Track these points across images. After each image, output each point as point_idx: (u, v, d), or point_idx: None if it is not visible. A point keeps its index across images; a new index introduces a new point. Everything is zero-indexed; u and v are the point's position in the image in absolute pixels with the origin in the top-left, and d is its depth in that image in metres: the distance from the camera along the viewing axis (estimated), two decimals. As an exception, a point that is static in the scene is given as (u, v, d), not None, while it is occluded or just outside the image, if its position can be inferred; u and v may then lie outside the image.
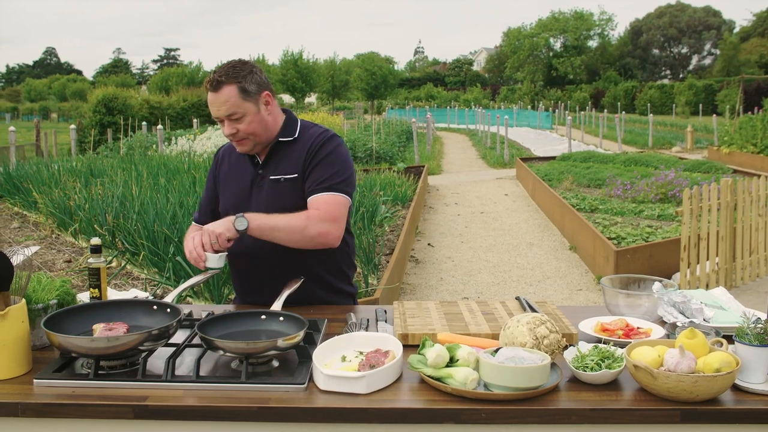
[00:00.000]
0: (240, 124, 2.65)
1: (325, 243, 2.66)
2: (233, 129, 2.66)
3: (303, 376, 2.02)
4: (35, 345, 2.27)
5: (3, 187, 12.10)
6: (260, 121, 2.69)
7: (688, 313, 2.45)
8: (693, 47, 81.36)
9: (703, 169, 14.83)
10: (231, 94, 2.62)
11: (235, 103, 2.62)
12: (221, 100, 2.62)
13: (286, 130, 2.80)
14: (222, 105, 2.63)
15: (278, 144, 2.78)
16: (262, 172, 2.78)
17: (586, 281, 7.91)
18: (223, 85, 2.62)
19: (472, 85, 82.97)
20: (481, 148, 26.93)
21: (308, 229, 2.59)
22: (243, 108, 2.64)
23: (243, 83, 2.63)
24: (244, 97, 2.64)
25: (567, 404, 1.88)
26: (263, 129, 2.72)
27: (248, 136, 2.69)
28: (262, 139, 2.74)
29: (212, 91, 2.64)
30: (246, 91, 2.64)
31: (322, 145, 2.75)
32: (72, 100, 67.55)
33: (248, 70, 2.67)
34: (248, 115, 2.65)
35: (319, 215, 2.62)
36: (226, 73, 2.63)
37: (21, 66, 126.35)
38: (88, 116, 27.12)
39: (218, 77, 2.62)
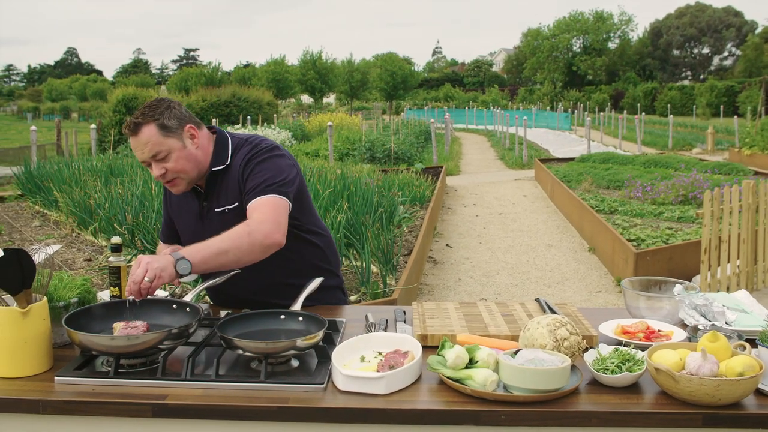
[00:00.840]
0: (167, 163, 2.57)
1: (273, 245, 2.50)
2: (162, 170, 2.57)
3: (322, 376, 2.02)
4: (56, 343, 2.28)
5: (24, 186, 12.20)
6: (187, 156, 2.60)
7: (709, 316, 2.43)
8: (714, 48, 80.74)
9: (724, 171, 14.70)
10: (151, 134, 2.54)
11: (157, 142, 2.54)
12: (142, 141, 2.54)
13: (217, 158, 2.70)
14: (144, 146, 2.54)
15: (213, 174, 2.69)
16: (206, 204, 2.72)
17: (605, 283, 7.86)
18: (142, 126, 2.54)
19: (491, 85, 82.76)
20: (500, 149, 26.86)
21: (252, 234, 2.44)
22: (166, 145, 2.55)
23: (161, 119, 2.55)
24: (165, 134, 2.55)
25: (587, 407, 1.87)
26: (193, 164, 2.63)
27: (178, 174, 2.60)
28: (193, 176, 2.65)
29: (132, 135, 2.55)
30: (166, 127, 2.56)
31: (250, 159, 2.65)
32: (92, 100, 68.04)
33: (165, 106, 2.59)
34: (173, 151, 2.57)
35: (259, 218, 2.50)
36: (142, 113, 2.55)
37: (42, 66, 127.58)
38: (108, 116, 27.27)
39: (135, 120, 2.54)
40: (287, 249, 2.62)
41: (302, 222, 2.79)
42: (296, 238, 2.74)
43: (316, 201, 7.69)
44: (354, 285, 6.32)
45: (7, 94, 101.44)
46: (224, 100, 33.22)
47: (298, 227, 2.76)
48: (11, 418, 1.97)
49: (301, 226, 2.79)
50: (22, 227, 9.70)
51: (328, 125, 17.59)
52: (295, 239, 2.71)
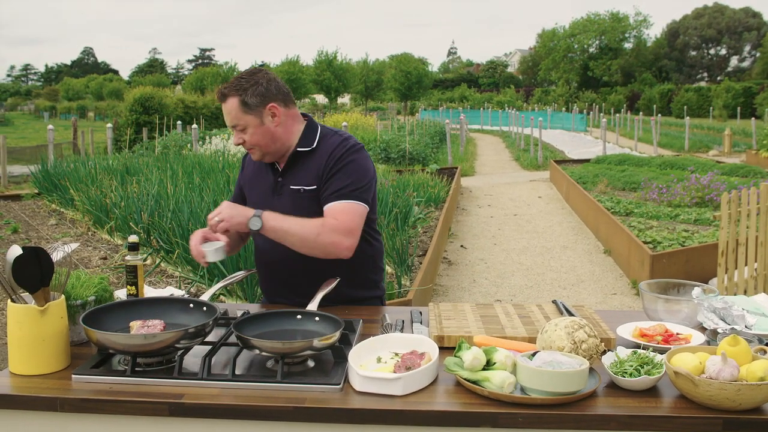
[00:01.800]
0: (244, 134, 2.70)
1: (336, 254, 2.61)
2: (240, 139, 2.71)
3: (338, 376, 2.01)
4: (73, 341, 2.29)
5: (41, 185, 12.28)
6: (264, 133, 2.69)
7: (729, 320, 2.40)
8: (732, 49, 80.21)
9: (741, 173, 14.59)
10: (233, 107, 2.67)
11: (236, 116, 2.67)
12: (226, 110, 2.69)
13: (305, 140, 2.78)
14: (227, 116, 2.70)
15: (297, 154, 2.77)
16: (282, 180, 2.78)
17: (621, 285, 7.82)
18: (227, 97, 2.67)
19: (506, 86, 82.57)
20: (515, 150, 26.79)
21: (321, 237, 2.57)
22: (244, 120, 2.67)
23: (244, 96, 2.66)
24: (245, 110, 2.66)
25: (605, 410, 1.85)
26: (270, 140, 2.72)
27: (254, 146, 2.72)
28: (270, 150, 2.74)
29: (221, 101, 2.71)
30: (246, 104, 2.66)
31: (341, 155, 2.72)
32: (108, 100, 68.36)
33: (253, 81, 2.68)
34: (250, 127, 2.68)
35: (334, 225, 2.60)
36: (231, 85, 2.69)
37: (59, 65, 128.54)
38: (124, 115, 27.42)
39: (223, 89, 2.69)
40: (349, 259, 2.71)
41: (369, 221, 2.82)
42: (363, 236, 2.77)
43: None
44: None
45: (24, 94, 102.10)
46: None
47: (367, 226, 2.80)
48: (29, 415, 1.97)
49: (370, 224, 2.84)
50: (38, 225, 9.77)
51: (343, 125, 17.60)
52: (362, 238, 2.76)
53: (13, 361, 2.10)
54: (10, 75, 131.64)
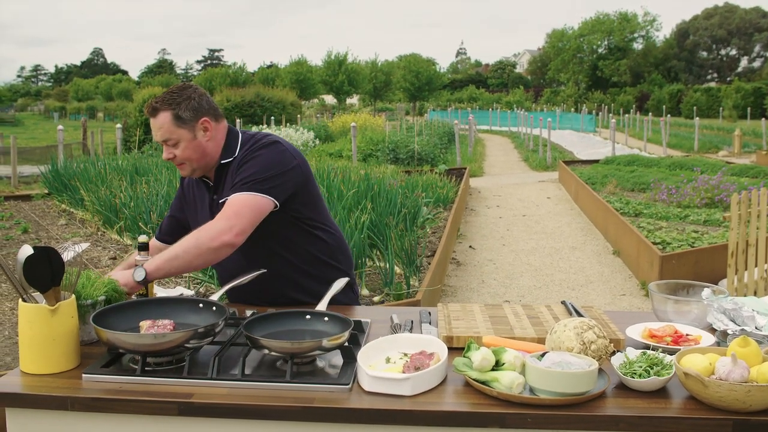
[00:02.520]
0: (175, 149, 2.67)
1: (225, 246, 2.51)
2: (170, 154, 2.68)
3: (348, 376, 2.02)
4: (84, 340, 2.30)
5: (51, 185, 12.34)
6: (195, 147, 2.68)
7: (739, 321, 2.40)
8: (742, 49, 79.86)
9: (751, 174, 14.53)
10: (165, 121, 2.64)
11: (169, 130, 2.64)
12: (157, 125, 2.66)
13: (226, 151, 2.76)
14: (158, 130, 2.67)
15: (221, 166, 2.76)
16: (216, 197, 2.77)
17: (630, 286, 7.80)
18: (159, 111, 2.65)
19: (515, 87, 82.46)
20: (524, 151, 26.77)
21: (200, 239, 2.50)
22: (177, 134, 2.65)
23: (177, 110, 2.64)
24: (178, 124, 2.64)
25: (614, 411, 1.85)
26: (200, 155, 2.70)
27: (184, 161, 2.70)
28: (201, 164, 2.73)
29: (150, 116, 2.68)
30: (180, 118, 2.64)
31: (246, 152, 2.71)
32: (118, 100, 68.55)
33: (186, 96, 2.67)
34: (182, 141, 2.66)
35: (211, 222, 2.56)
36: (163, 99, 2.66)
37: (69, 66, 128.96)
38: (133, 116, 27.50)
39: (154, 103, 2.66)
40: (291, 242, 2.74)
41: (306, 216, 2.80)
42: (300, 231, 2.78)
43: (340, 201, 7.71)
44: (377, 286, 6.33)
45: (34, 94, 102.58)
46: (248, 100, 33.37)
47: (302, 221, 2.79)
48: (39, 414, 1.98)
49: (306, 220, 2.80)
50: (48, 225, 9.81)
51: (351, 126, 17.61)
52: (299, 233, 2.78)
53: (24, 360, 2.11)
54: (20, 76, 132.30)
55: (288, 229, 2.74)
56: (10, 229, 9.49)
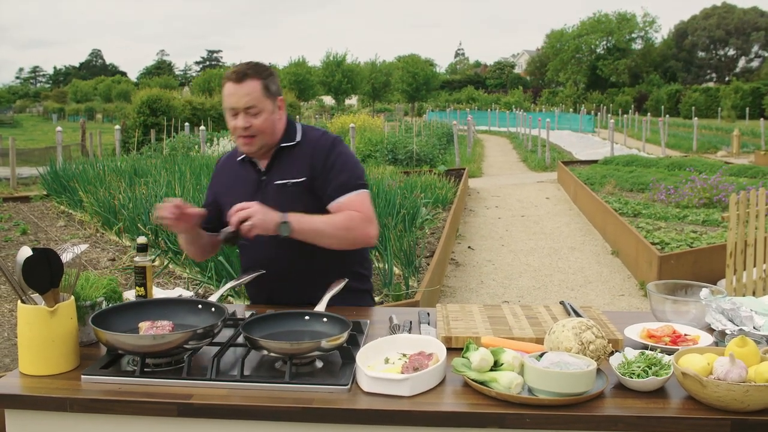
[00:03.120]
0: (255, 119, 2.66)
1: (365, 243, 2.71)
2: (248, 123, 2.65)
3: (346, 377, 2.02)
4: (83, 341, 2.30)
5: (50, 186, 12.34)
6: (272, 122, 2.71)
7: (737, 321, 2.40)
8: (740, 49, 79.89)
9: (750, 174, 14.54)
10: (254, 88, 2.64)
11: (257, 98, 2.64)
12: (243, 91, 2.63)
13: (287, 136, 2.80)
14: (243, 96, 2.63)
15: (281, 149, 2.78)
16: (266, 178, 2.78)
17: (629, 286, 7.80)
18: (248, 78, 2.64)
19: (514, 87, 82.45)
20: (522, 151, 26.77)
21: (353, 230, 2.64)
22: (262, 104, 2.66)
23: (267, 81, 2.68)
24: (266, 95, 2.67)
25: (613, 411, 1.85)
26: (272, 131, 2.73)
27: (259, 133, 2.68)
28: (268, 141, 2.74)
29: (235, 82, 2.64)
30: (268, 89, 2.68)
31: (330, 149, 2.76)
32: (117, 101, 68.59)
33: (270, 71, 2.72)
34: (264, 112, 2.67)
35: (361, 216, 2.66)
36: (252, 68, 2.67)
37: (68, 68, 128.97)
38: (132, 117, 27.49)
39: (245, 69, 2.65)
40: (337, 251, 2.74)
41: None
42: None
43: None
44: (376, 286, 6.33)
45: (33, 96, 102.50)
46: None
47: None
48: (39, 415, 1.98)
49: None
50: (47, 227, 9.81)
51: (350, 127, 17.61)
52: None
53: (23, 361, 2.11)
54: (18, 77, 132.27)
55: None
56: (9, 230, 9.49)
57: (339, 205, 2.69)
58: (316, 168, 2.73)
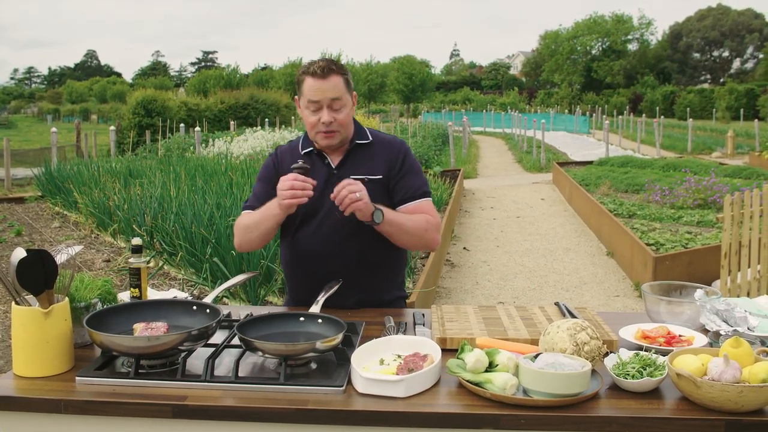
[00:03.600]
0: (339, 114, 2.71)
1: (432, 248, 2.87)
2: (331, 117, 2.70)
3: (341, 378, 2.02)
4: (77, 343, 2.29)
5: (45, 187, 12.32)
6: (350, 116, 2.80)
7: (731, 322, 2.41)
8: (735, 51, 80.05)
9: (744, 175, 14.57)
10: (338, 82, 2.71)
11: (342, 91, 2.71)
12: (329, 85, 2.68)
13: (359, 134, 2.87)
14: (329, 90, 2.68)
15: (356, 146, 2.84)
16: (338, 172, 2.79)
17: (624, 287, 7.82)
18: (333, 73, 2.70)
19: (509, 88, 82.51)
20: (518, 152, 26.79)
21: (428, 233, 2.76)
22: (345, 99, 2.73)
23: (347, 76, 2.76)
24: (348, 89, 2.75)
25: (607, 412, 1.86)
26: (349, 125, 2.80)
27: (340, 128, 2.74)
28: (346, 135, 2.80)
29: (319, 77, 2.68)
30: (349, 84, 2.77)
31: (406, 153, 2.88)
32: (112, 102, 68.35)
33: (347, 69, 2.79)
34: (346, 107, 2.74)
35: (435, 223, 2.80)
36: (333, 63, 2.73)
37: (63, 68, 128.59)
38: (127, 118, 27.46)
39: (328, 65, 2.70)
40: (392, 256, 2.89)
41: None
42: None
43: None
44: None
45: (28, 96, 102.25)
46: (242, 102, 33.38)
47: None
48: (32, 417, 1.98)
49: None
50: (42, 228, 9.79)
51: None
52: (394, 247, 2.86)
53: (17, 363, 2.10)
54: (13, 78, 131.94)
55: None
56: (3, 231, 9.47)
57: (413, 208, 2.80)
58: (393, 168, 2.82)
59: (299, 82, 2.75)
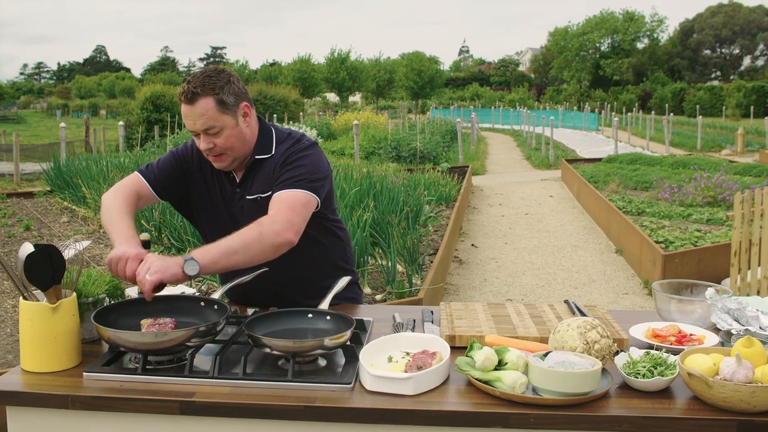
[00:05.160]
0: (217, 138, 2.50)
1: (284, 244, 2.41)
2: (210, 144, 2.51)
3: (349, 375, 2.01)
4: (84, 338, 2.29)
5: (53, 182, 12.34)
6: (238, 135, 2.54)
7: (743, 321, 2.39)
8: (745, 48, 79.71)
9: (754, 173, 14.49)
10: (207, 107, 2.46)
11: (212, 117, 2.46)
12: (197, 113, 2.46)
13: (262, 147, 2.65)
14: (198, 119, 2.46)
15: (255, 162, 2.64)
16: (240, 191, 2.65)
17: (633, 285, 7.79)
18: (199, 97, 2.45)
19: (518, 85, 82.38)
20: (526, 149, 26.74)
21: (263, 235, 2.37)
22: (220, 121, 2.48)
23: (220, 95, 2.47)
24: (222, 110, 2.48)
25: (618, 411, 1.84)
26: (241, 143, 2.57)
27: (226, 151, 2.54)
28: (239, 154, 2.59)
29: (187, 103, 2.47)
30: (223, 103, 2.48)
31: (292, 152, 2.61)
32: (120, 98, 68.62)
33: (225, 80, 2.51)
34: (226, 129, 2.50)
35: (271, 216, 2.43)
36: (202, 84, 2.46)
37: (72, 64, 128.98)
38: (135, 113, 27.49)
39: (193, 88, 2.45)
40: (315, 243, 2.68)
41: (329, 217, 2.79)
42: (322, 229, 2.74)
43: (343, 199, 7.70)
44: (380, 284, 6.32)
45: (37, 92, 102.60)
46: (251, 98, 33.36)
47: (326, 221, 2.76)
48: (40, 412, 1.98)
49: (329, 220, 2.79)
50: (50, 223, 9.81)
51: (354, 124, 17.60)
52: (320, 231, 2.72)
53: (24, 358, 2.10)
54: (23, 73, 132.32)
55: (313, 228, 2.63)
56: (12, 226, 9.49)
57: (271, 201, 2.51)
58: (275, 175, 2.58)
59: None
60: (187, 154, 2.78)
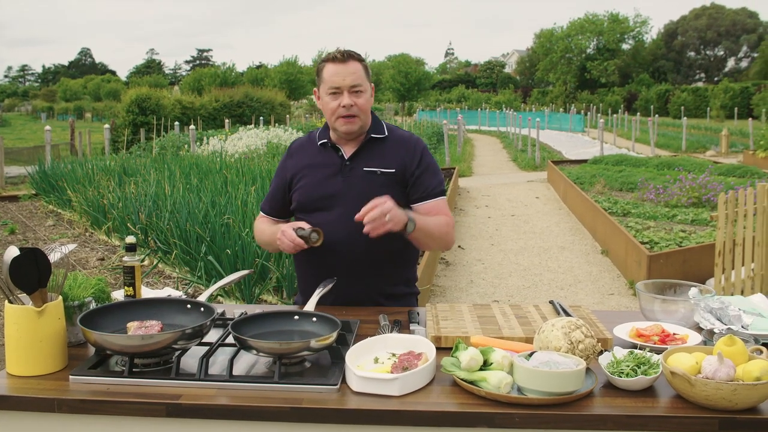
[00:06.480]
0: (359, 98, 2.76)
1: (449, 248, 2.92)
2: (352, 101, 2.74)
3: (336, 377, 2.02)
4: (71, 342, 2.29)
5: (39, 186, 12.28)
6: (369, 103, 2.83)
7: (725, 320, 2.41)
8: (729, 49, 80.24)
9: (738, 174, 14.60)
10: (357, 68, 2.76)
11: (360, 77, 2.76)
12: (349, 70, 2.75)
13: (375, 128, 2.90)
14: (349, 75, 2.74)
15: (370, 139, 2.86)
16: (351, 164, 2.83)
17: (618, 286, 7.83)
18: (351, 59, 2.76)
19: (504, 87, 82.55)
20: (512, 151, 26.80)
21: (448, 235, 2.83)
22: (365, 85, 2.78)
23: (365, 64, 2.83)
24: (367, 77, 2.81)
25: (602, 410, 1.86)
26: (367, 114, 2.84)
27: (360, 113, 2.78)
28: (365, 122, 2.84)
29: (340, 62, 2.75)
30: (368, 71, 2.83)
31: (423, 151, 2.89)
32: (106, 100, 68.28)
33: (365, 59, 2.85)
34: (366, 93, 2.79)
35: (452, 223, 2.86)
36: (352, 51, 2.79)
37: (57, 66, 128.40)
38: (121, 116, 27.38)
39: (348, 51, 2.78)
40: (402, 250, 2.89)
41: None
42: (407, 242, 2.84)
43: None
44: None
45: (22, 94, 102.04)
46: (237, 100, 33.33)
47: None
48: (26, 416, 1.97)
49: None
50: (36, 226, 9.76)
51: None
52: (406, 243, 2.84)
53: (10, 362, 2.10)
54: (7, 76, 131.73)
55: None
56: (-3, 230, 9.44)
57: (429, 207, 2.82)
58: (409, 165, 2.84)
59: (319, 70, 2.81)
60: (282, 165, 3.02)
